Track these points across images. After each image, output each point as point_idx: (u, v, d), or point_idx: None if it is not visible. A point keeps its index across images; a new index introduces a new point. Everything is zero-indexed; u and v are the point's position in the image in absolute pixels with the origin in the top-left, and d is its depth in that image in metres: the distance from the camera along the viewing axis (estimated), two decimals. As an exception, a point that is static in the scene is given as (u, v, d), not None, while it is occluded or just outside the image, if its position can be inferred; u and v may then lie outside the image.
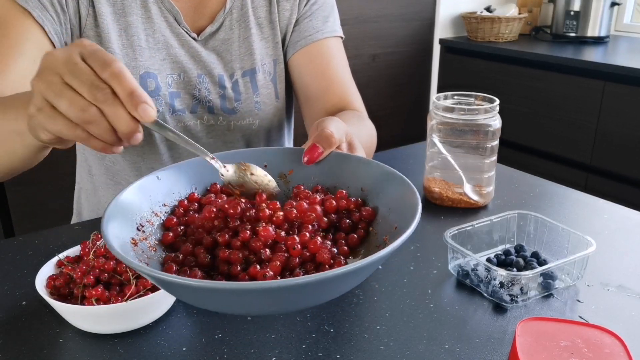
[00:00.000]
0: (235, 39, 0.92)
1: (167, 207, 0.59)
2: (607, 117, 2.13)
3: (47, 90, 0.47)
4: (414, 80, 2.82)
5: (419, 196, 0.55)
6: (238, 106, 0.93)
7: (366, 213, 0.59)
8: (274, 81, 0.97)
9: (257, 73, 0.94)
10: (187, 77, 0.89)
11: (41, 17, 0.79)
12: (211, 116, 0.91)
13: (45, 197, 1.96)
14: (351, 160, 0.60)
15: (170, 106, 0.88)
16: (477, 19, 2.60)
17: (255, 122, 0.95)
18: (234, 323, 0.65)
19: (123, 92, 0.46)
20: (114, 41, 0.83)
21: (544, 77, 2.32)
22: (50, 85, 0.46)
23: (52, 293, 0.65)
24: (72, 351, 0.61)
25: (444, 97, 0.96)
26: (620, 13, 2.72)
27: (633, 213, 0.94)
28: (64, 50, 0.48)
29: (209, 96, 0.90)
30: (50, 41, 0.81)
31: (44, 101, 0.47)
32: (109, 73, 0.46)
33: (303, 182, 0.61)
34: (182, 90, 0.89)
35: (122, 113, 0.46)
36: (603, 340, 0.57)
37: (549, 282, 0.71)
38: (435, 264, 0.78)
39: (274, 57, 0.97)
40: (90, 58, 0.47)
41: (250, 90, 0.94)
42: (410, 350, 0.61)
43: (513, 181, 1.08)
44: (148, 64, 0.86)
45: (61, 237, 0.85)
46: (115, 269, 0.65)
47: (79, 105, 0.46)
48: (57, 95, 0.46)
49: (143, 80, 0.86)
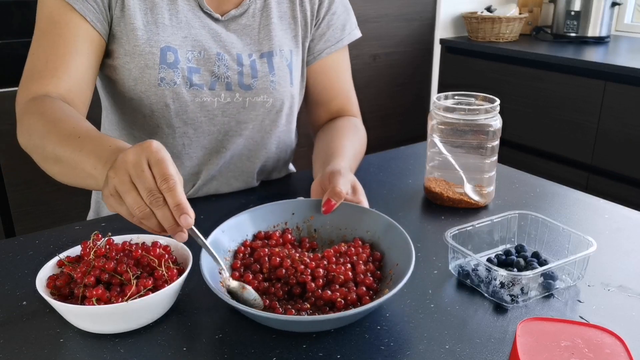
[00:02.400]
0: (256, 26, 0.99)
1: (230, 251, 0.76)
2: (607, 117, 2.13)
3: (119, 185, 0.61)
4: (414, 80, 2.82)
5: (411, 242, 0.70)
6: (254, 83, 0.98)
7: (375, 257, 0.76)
8: (290, 67, 1.02)
9: (274, 56, 1.00)
10: (207, 55, 0.94)
11: (83, 10, 0.86)
12: (228, 93, 0.96)
13: (45, 197, 1.96)
14: (357, 209, 0.80)
15: (188, 79, 0.93)
16: (478, 19, 2.60)
17: (269, 101, 1.00)
18: (234, 323, 0.65)
19: (173, 204, 0.60)
20: (139, 19, 0.90)
21: (544, 77, 2.32)
22: (121, 183, 0.61)
23: (52, 293, 0.65)
24: (73, 351, 0.61)
25: (445, 97, 0.96)
26: (621, 13, 2.72)
27: (634, 213, 0.94)
28: (135, 153, 0.62)
29: (227, 72, 0.96)
30: (94, 29, 0.88)
31: (115, 191, 0.62)
32: (166, 187, 0.60)
33: (321, 225, 0.80)
34: (202, 67, 0.94)
35: (169, 217, 0.61)
36: (604, 340, 0.57)
37: (549, 282, 0.71)
38: (436, 264, 0.78)
39: (291, 47, 1.03)
40: (155, 167, 0.61)
41: (266, 69, 0.99)
42: (411, 351, 0.61)
43: (514, 181, 1.07)
44: (169, 40, 0.92)
45: (62, 237, 0.85)
46: (116, 269, 0.65)
47: (138, 206, 0.61)
48: (125, 192, 0.61)
49: (163, 53, 0.91)
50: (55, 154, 0.76)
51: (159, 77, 0.91)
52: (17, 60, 1.86)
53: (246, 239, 0.77)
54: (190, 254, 0.70)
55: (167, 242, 0.73)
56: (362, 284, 0.70)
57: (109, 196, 0.64)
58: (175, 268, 0.68)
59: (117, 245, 0.69)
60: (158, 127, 0.96)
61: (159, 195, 0.60)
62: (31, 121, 0.82)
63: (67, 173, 0.77)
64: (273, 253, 0.73)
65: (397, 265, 0.71)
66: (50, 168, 0.81)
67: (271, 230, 0.79)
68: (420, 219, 0.93)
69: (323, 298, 0.67)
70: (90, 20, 0.87)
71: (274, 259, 0.72)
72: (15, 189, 1.90)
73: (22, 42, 1.86)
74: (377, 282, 0.71)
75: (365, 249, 0.75)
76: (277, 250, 0.73)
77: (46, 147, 0.78)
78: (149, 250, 0.68)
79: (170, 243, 0.72)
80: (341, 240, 0.79)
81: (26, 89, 0.87)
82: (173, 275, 0.66)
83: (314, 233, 0.80)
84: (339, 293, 0.67)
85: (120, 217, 0.96)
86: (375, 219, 0.78)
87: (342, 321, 0.63)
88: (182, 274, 0.66)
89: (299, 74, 1.05)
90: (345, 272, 0.70)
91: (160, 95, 0.91)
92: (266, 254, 0.73)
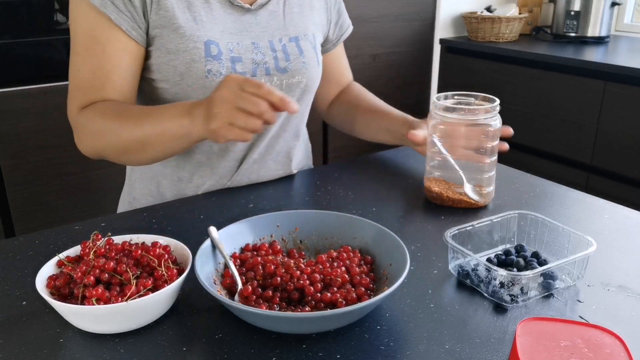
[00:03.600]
0: (280, 12, 1.06)
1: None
2: (607, 117, 2.13)
3: (228, 115, 0.77)
4: (414, 80, 2.82)
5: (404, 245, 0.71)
6: (289, 65, 1.05)
7: (366, 261, 0.76)
8: (315, 50, 1.10)
9: (300, 40, 1.07)
10: (244, 45, 1.01)
11: (118, 20, 0.91)
12: (267, 78, 1.03)
13: (45, 197, 1.96)
14: (341, 218, 0.81)
15: (232, 69, 0.99)
16: (478, 18, 2.60)
17: (303, 81, 1.08)
18: (234, 323, 0.65)
19: (277, 100, 0.76)
20: (180, 17, 0.95)
21: (544, 77, 2.32)
22: (229, 112, 0.77)
23: (52, 293, 0.65)
24: (73, 351, 0.61)
25: (444, 97, 0.96)
26: (621, 13, 2.72)
27: (634, 213, 0.94)
28: (226, 87, 0.78)
29: (264, 58, 1.02)
30: (131, 38, 0.93)
31: (224, 122, 0.78)
32: (264, 92, 0.76)
33: (307, 236, 0.81)
34: (243, 55, 1.01)
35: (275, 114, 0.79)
36: (603, 340, 0.57)
37: (549, 282, 0.71)
38: (436, 264, 0.78)
39: (313, 32, 1.11)
40: (246, 84, 0.76)
41: (296, 52, 1.06)
42: (411, 350, 0.61)
43: (513, 181, 1.07)
44: (210, 34, 0.97)
45: (61, 237, 0.85)
46: (116, 269, 0.65)
47: (250, 120, 0.77)
48: (237, 118, 0.77)
49: (207, 46, 0.96)
50: (136, 138, 0.87)
51: (206, 69, 0.96)
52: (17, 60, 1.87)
53: (234, 252, 0.77)
54: (190, 254, 0.70)
55: (167, 242, 0.73)
56: (360, 285, 0.70)
57: (218, 129, 0.79)
58: (175, 268, 0.68)
59: (116, 245, 0.69)
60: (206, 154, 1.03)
61: (263, 102, 0.75)
62: (93, 125, 0.91)
63: (156, 147, 0.88)
64: (267, 261, 0.73)
65: (390, 266, 0.71)
66: (134, 156, 0.90)
67: (258, 243, 0.79)
68: (420, 219, 0.93)
69: (323, 300, 0.67)
70: (126, 30, 0.92)
71: (268, 267, 0.72)
72: (15, 189, 1.90)
73: (22, 42, 1.86)
74: (372, 284, 0.72)
75: (355, 253, 0.76)
76: (271, 258, 0.73)
77: (123, 139, 0.88)
78: (148, 250, 0.68)
79: (169, 243, 0.73)
80: (328, 249, 0.78)
81: (77, 100, 0.94)
82: (173, 275, 0.66)
83: (300, 244, 0.81)
84: (339, 294, 0.67)
85: (120, 217, 0.96)
86: (361, 226, 0.79)
87: (348, 317, 0.63)
88: (181, 274, 0.66)
89: (320, 57, 1.13)
90: (342, 275, 0.70)
91: (207, 87, 0.96)
92: (259, 262, 0.73)
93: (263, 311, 0.61)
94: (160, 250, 0.69)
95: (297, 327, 0.63)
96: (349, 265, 0.73)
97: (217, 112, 0.78)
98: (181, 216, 0.92)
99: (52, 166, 1.95)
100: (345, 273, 0.71)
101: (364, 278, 0.71)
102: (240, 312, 0.62)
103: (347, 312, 0.60)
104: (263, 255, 0.75)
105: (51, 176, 1.95)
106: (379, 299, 0.61)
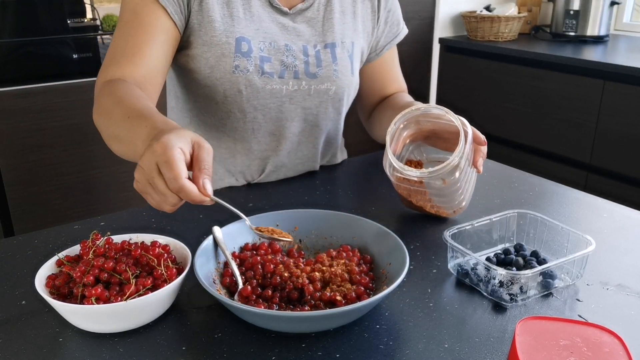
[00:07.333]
0: (320, 19, 1.07)
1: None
2: (606, 116, 2.13)
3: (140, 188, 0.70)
4: (413, 79, 2.81)
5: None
6: (319, 71, 1.05)
7: (365, 260, 0.77)
8: (351, 58, 1.09)
9: (336, 47, 1.07)
10: (277, 46, 1.02)
11: (165, 1, 0.93)
12: (295, 81, 1.04)
13: (44, 196, 1.96)
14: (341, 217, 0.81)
15: (260, 67, 1.01)
16: (477, 18, 2.60)
17: (332, 88, 1.07)
18: (234, 322, 0.65)
19: (187, 198, 0.66)
20: (217, 11, 0.97)
21: (543, 76, 2.32)
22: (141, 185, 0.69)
23: (51, 292, 0.65)
24: (72, 350, 0.61)
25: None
26: (620, 12, 2.72)
27: (633, 212, 0.94)
28: (146, 160, 0.67)
29: (295, 62, 1.03)
30: (172, 20, 0.95)
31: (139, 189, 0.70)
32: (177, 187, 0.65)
33: (306, 235, 0.81)
34: (273, 56, 1.02)
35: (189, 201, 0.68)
36: (602, 339, 0.57)
37: (548, 281, 0.71)
38: (435, 263, 0.78)
39: (352, 39, 1.10)
40: (163, 168, 0.65)
41: (330, 59, 1.06)
42: (410, 349, 0.61)
43: (512, 180, 1.08)
44: (244, 31, 0.99)
45: (61, 237, 0.85)
46: (115, 268, 0.65)
47: (158, 203, 0.69)
48: (146, 194, 0.69)
49: (238, 43, 0.98)
50: (115, 133, 0.84)
51: (233, 64, 0.98)
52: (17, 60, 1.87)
53: (234, 251, 0.77)
54: (189, 253, 0.70)
55: (166, 241, 0.73)
56: (359, 283, 0.70)
57: (136, 184, 0.72)
58: (174, 267, 0.68)
59: (116, 244, 0.69)
60: (230, 112, 1.03)
61: (172, 195, 0.66)
62: (103, 101, 0.89)
63: (126, 151, 0.84)
64: (266, 260, 0.73)
65: (389, 265, 0.71)
66: (113, 146, 0.87)
67: (257, 242, 0.79)
68: (419, 218, 0.93)
69: (323, 299, 0.67)
70: (170, 12, 0.94)
71: (267, 266, 0.72)
72: (15, 189, 1.90)
73: (22, 41, 1.86)
74: (372, 283, 0.72)
75: (354, 252, 0.76)
76: (270, 258, 0.74)
77: (109, 127, 0.86)
78: (148, 250, 0.68)
79: (169, 242, 0.73)
80: (328, 248, 0.79)
81: (105, 72, 0.93)
82: (172, 275, 0.66)
83: (299, 243, 0.81)
84: (338, 293, 0.67)
85: (119, 217, 0.96)
86: (360, 225, 0.79)
87: (347, 317, 0.63)
88: (181, 273, 0.66)
89: (358, 65, 1.13)
90: (341, 274, 0.70)
91: (234, 82, 0.99)
92: (258, 261, 0.73)
93: (262, 310, 0.61)
94: (160, 249, 0.69)
95: (296, 326, 0.63)
96: (348, 265, 0.73)
97: (137, 176, 0.71)
98: (180, 215, 0.92)
99: (52, 165, 1.95)
100: (344, 272, 0.71)
101: (363, 277, 0.71)
102: (240, 311, 0.62)
103: (347, 311, 0.60)
104: (262, 255, 0.75)
105: (50, 175, 1.95)
106: (378, 298, 0.61)
